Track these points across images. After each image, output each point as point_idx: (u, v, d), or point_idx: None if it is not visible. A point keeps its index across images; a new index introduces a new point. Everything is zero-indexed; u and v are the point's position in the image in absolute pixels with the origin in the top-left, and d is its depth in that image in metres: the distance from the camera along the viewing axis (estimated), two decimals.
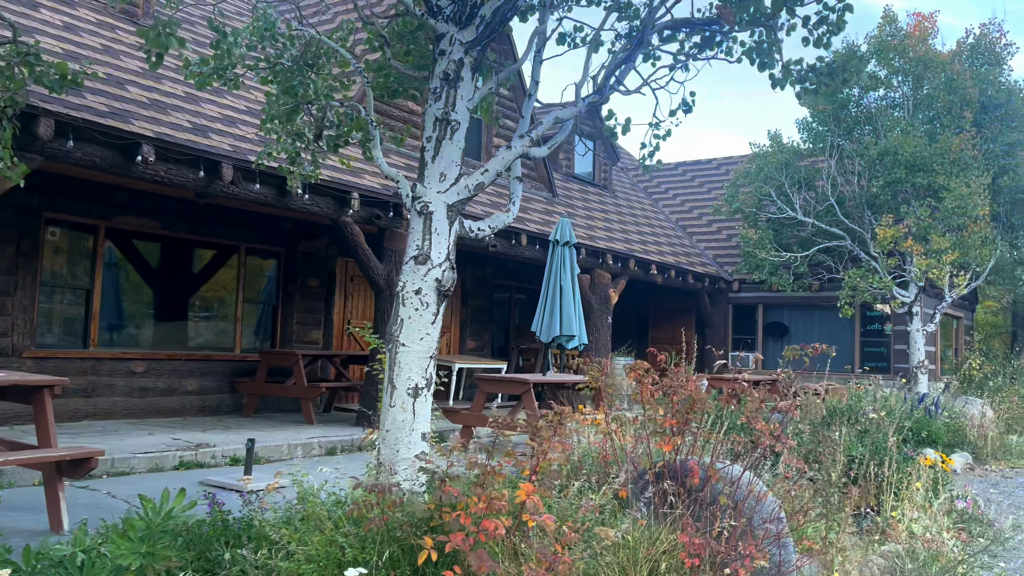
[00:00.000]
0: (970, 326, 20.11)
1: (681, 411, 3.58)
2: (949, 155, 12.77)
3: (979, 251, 13.13)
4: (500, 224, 4.70)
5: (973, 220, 12.96)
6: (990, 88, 13.94)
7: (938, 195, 13.00)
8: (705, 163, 21.97)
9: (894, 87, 14.84)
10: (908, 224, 12.89)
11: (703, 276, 16.83)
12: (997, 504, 7.73)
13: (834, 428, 6.99)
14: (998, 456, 10.45)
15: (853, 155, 14.34)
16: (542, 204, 13.84)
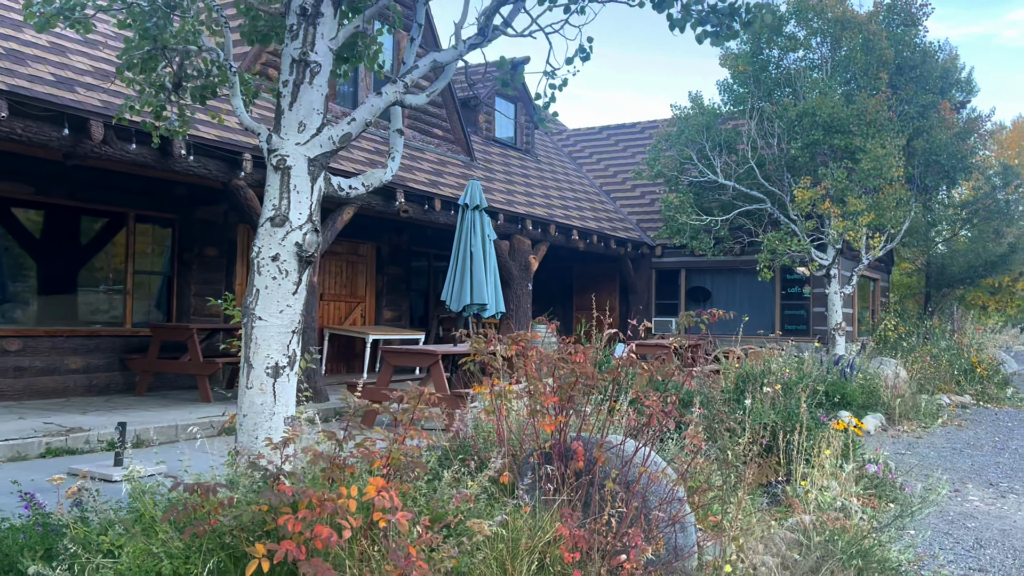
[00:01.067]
0: (887, 288, 20.48)
1: (564, 386, 3.21)
2: (865, 116, 12.72)
3: (894, 213, 13.18)
4: (376, 181, 4.21)
5: (888, 182, 12.98)
6: (906, 49, 13.94)
7: (855, 157, 12.97)
8: (629, 127, 21.71)
9: (813, 48, 14.73)
10: (825, 186, 12.83)
11: (626, 241, 16.62)
12: (908, 467, 7.69)
13: (746, 395, 6.78)
14: (910, 416, 10.52)
15: (773, 117, 14.21)
16: (459, 168, 13.33)
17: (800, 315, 16.38)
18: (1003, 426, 10.53)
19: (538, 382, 3.35)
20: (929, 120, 14.20)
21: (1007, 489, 6.88)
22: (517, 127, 17.76)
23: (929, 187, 15.04)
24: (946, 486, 7.00)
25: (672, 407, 3.40)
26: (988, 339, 17.80)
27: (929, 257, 21.30)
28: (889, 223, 13.44)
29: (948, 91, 15.29)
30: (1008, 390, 13.92)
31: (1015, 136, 50.28)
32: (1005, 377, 15.25)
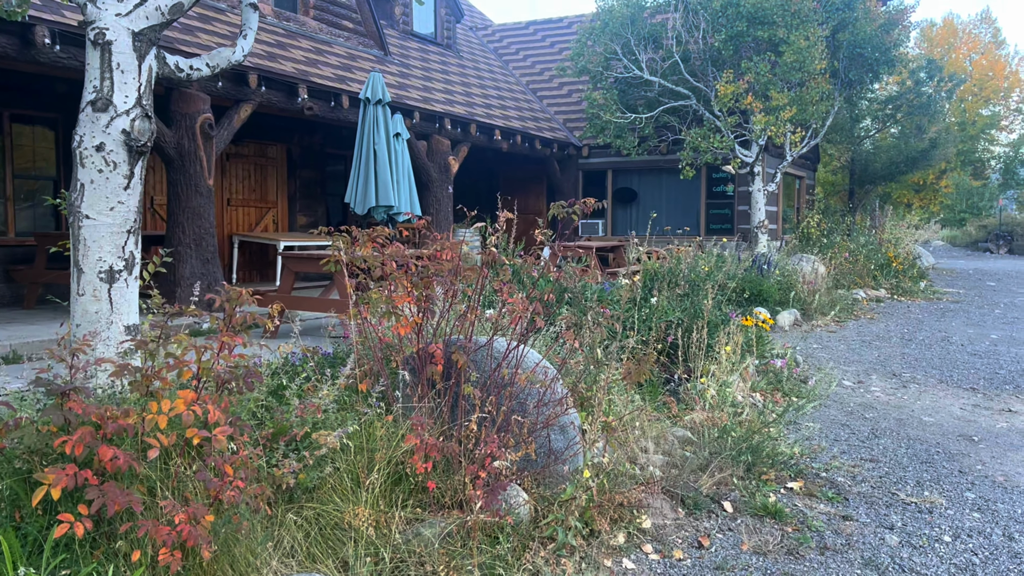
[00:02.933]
0: (812, 185, 20.59)
1: (418, 284, 2.91)
2: (790, 7, 12.35)
3: (817, 107, 13.01)
4: (223, 61, 3.74)
5: (812, 75, 12.75)
6: None
7: (778, 49, 12.66)
8: (556, 21, 20.92)
9: None
10: (748, 80, 12.54)
11: (552, 142, 16.19)
12: (817, 360, 7.73)
13: (653, 293, 6.63)
14: (825, 311, 10.63)
15: (698, 9, 13.73)
16: (371, 63, 12.60)
17: (725, 214, 16.35)
18: (913, 318, 10.73)
19: (400, 282, 3.04)
20: (854, 12, 13.88)
21: (909, 379, 6.96)
22: (437, 21, 16.89)
23: (853, 81, 14.86)
24: (850, 378, 7.08)
25: (539, 303, 3.14)
26: (907, 235, 18.16)
27: (854, 154, 21.41)
28: (812, 118, 13.29)
29: None
30: (922, 283, 14.23)
31: (944, 33, 50.56)
32: (920, 271, 15.60)
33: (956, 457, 4.74)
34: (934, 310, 11.56)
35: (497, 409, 3.08)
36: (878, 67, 14.75)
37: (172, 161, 8.56)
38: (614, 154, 16.42)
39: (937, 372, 7.25)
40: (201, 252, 8.74)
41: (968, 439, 5.13)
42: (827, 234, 16.02)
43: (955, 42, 49.07)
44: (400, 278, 2.93)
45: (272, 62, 9.68)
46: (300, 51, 10.86)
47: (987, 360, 7.76)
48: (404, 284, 2.91)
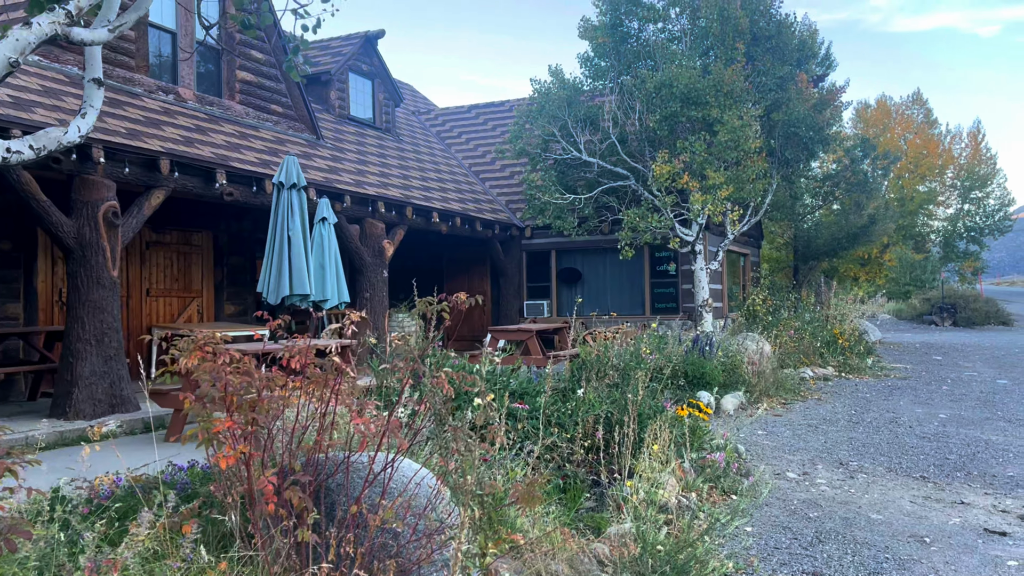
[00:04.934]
0: (756, 262, 20.60)
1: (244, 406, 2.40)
2: (722, 87, 12.41)
3: (754, 185, 12.96)
4: (52, 143, 3.27)
5: (747, 154, 12.74)
6: (761, 19, 13.73)
7: (712, 128, 12.66)
8: (498, 105, 21.00)
9: (672, 20, 14.36)
10: (684, 159, 12.47)
11: (493, 223, 15.92)
12: (761, 449, 7.29)
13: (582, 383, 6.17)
14: (770, 393, 10.26)
15: (633, 90, 13.76)
16: (300, 147, 12.26)
17: (670, 293, 16.11)
18: (861, 398, 10.42)
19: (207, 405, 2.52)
20: (787, 92, 14.05)
21: (857, 468, 6.54)
22: (376, 105, 16.75)
23: (790, 160, 14.96)
24: (794, 469, 6.63)
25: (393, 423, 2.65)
26: (853, 309, 18.08)
27: (796, 230, 21.57)
28: (750, 196, 13.23)
29: (806, 63, 15.23)
30: (869, 360, 14.02)
31: (878, 114, 52.57)
32: (868, 347, 15.42)
33: (907, 564, 4.28)
34: (882, 388, 11.28)
35: (355, 550, 2.54)
36: (813, 146, 14.88)
37: (72, 252, 7.98)
38: (556, 234, 16.20)
39: (886, 459, 6.85)
40: (103, 349, 8.08)
41: (920, 540, 4.68)
42: (773, 311, 15.83)
43: (889, 122, 50.96)
44: (222, 396, 2.43)
45: (188, 147, 9.26)
46: (222, 135, 10.47)
47: (936, 444, 7.40)
48: (228, 400, 2.40)
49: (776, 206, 18.45)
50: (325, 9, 3.83)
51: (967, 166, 55.04)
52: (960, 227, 55.39)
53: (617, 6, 14.13)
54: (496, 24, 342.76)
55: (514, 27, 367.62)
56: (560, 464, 5.49)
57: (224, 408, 2.44)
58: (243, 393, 2.38)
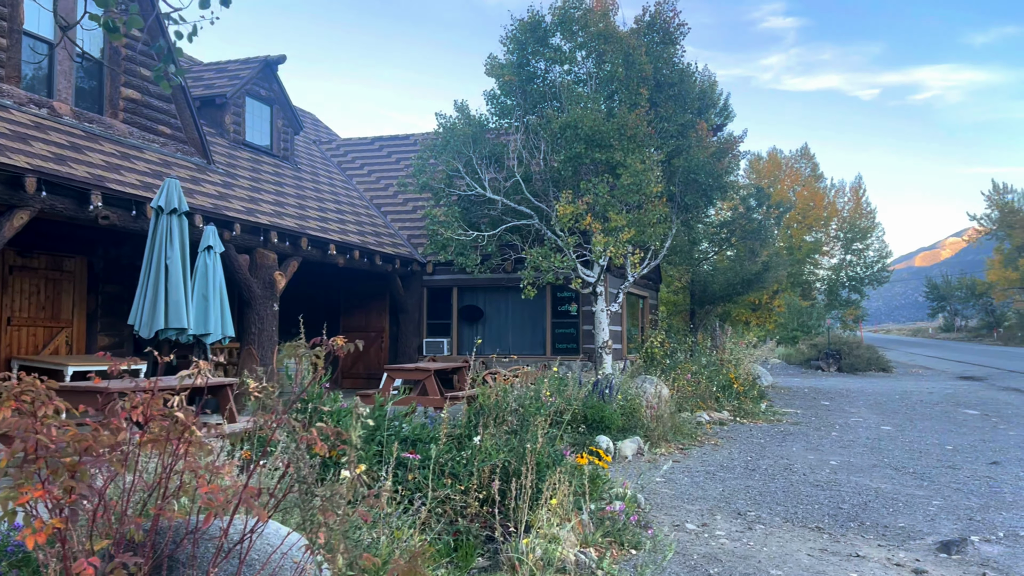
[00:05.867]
0: (655, 305, 20.87)
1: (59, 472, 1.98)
2: (626, 131, 12.52)
3: (654, 229, 13.08)
4: None
5: (649, 198, 12.86)
6: (665, 67, 14.02)
7: (616, 171, 12.73)
8: (402, 138, 20.73)
9: (578, 62, 14.48)
10: (587, 201, 12.47)
11: (394, 258, 15.51)
12: (660, 498, 7.13)
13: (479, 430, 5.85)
14: (668, 438, 10.19)
15: (539, 130, 13.75)
16: (189, 171, 11.61)
17: (571, 333, 16.04)
18: (756, 443, 10.47)
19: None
20: (688, 139, 14.34)
21: (754, 519, 6.43)
22: (274, 131, 16.18)
23: (690, 205, 15.23)
24: (693, 519, 6.48)
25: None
26: (746, 354, 18.47)
27: (694, 275, 22.04)
28: (650, 239, 13.33)
29: (706, 112, 15.63)
30: (763, 404, 14.25)
31: (770, 166, 55.03)
32: (761, 391, 15.71)
33: None
34: (775, 433, 11.41)
35: None
36: (711, 192, 15.20)
37: None
38: (459, 271, 15.93)
39: (782, 508, 6.78)
40: None
41: None
42: (670, 354, 15.97)
43: (780, 174, 53.43)
44: None
45: (60, 165, 8.54)
46: (100, 155, 9.76)
47: (830, 492, 7.41)
48: None
49: (675, 250, 18.77)
50: (204, 16, 3.46)
51: (850, 219, 58.24)
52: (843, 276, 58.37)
53: (524, 46, 14.15)
54: (407, 60, 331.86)
55: (426, 63, 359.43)
56: (453, 519, 5.13)
57: None
58: (61, 455, 1.96)
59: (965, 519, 6.37)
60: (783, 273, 24.84)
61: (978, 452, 9.68)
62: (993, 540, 5.76)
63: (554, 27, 14.04)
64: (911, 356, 38.30)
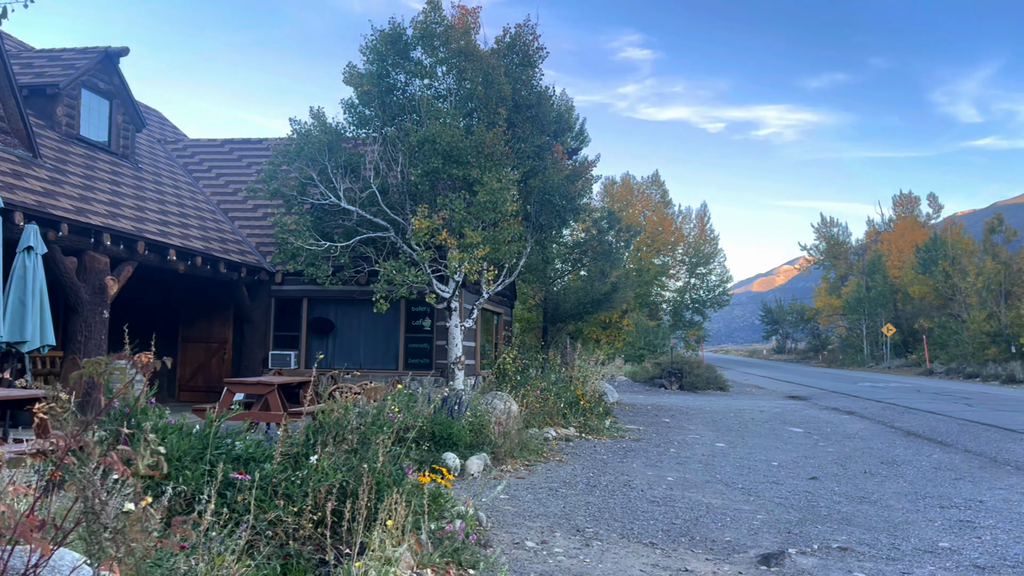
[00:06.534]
0: (509, 321, 21.11)
1: None
2: (484, 149, 12.63)
3: (509, 247, 13.23)
4: None
5: (505, 216, 13.00)
6: (524, 89, 14.27)
7: (473, 188, 12.80)
8: (255, 142, 20.00)
9: (439, 78, 14.50)
10: (443, 216, 12.45)
11: (240, 265, 14.88)
12: (503, 515, 7.15)
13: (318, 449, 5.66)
14: (515, 454, 10.27)
15: (397, 142, 13.63)
16: (11, 164, 10.68)
17: (424, 348, 15.94)
18: (599, 460, 10.73)
19: None
20: (544, 160, 14.63)
21: (592, 535, 6.56)
22: (112, 127, 15.18)
23: (544, 225, 15.53)
24: (534, 537, 6.53)
25: None
26: (595, 372, 19.00)
27: (547, 293, 22.49)
28: (505, 257, 13.47)
29: (562, 136, 16.03)
30: (607, 421, 14.65)
31: (623, 190, 57.19)
32: (607, 407, 16.17)
33: None
34: (618, 450, 11.74)
35: None
36: (566, 213, 15.56)
37: None
38: (310, 282, 15.48)
39: (619, 524, 6.96)
40: None
41: None
42: (522, 370, 16.17)
43: (632, 199, 55.67)
44: None
45: None
46: None
47: (664, 508, 7.68)
48: None
49: (530, 268, 19.09)
50: None
51: (695, 244, 61.44)
52: (687, 299, 61.41)
53: (384, 57, 14.01)
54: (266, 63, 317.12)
55: (285, 68, 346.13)
56: (284, 542, 4.92)
57: None
58: None
59: (785, 532, 6.76)
60: (631, 294, 25.80)
61: (800, 468, 10.34)
62: (808, 552, 6.14)
63: (415, 41, 13.99)
64: (746, 376, 40.70)
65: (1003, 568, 5.69)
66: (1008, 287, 48.94)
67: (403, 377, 14.47)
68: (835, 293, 73.50)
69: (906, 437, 13.66)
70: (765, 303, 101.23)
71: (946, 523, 7.11)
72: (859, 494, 8.51)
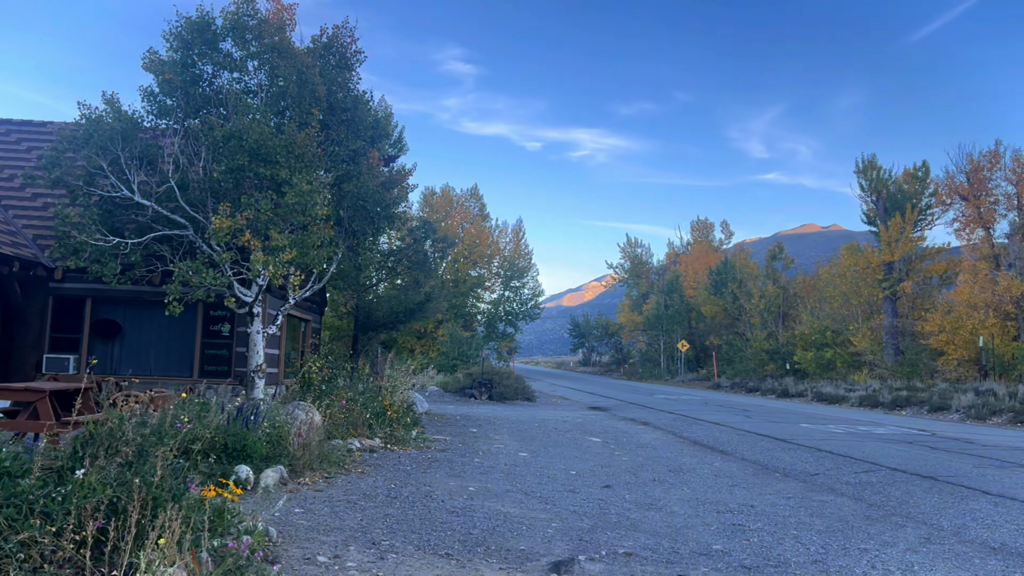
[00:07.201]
0: (318, 329, 20.51)
1: None
2: (294, 149, 12.18)
3: (318, 252, 12.84)
4: None
5: (315, 220, 12.61)
6: (340, 91, 13.93)
7: (281, 189, 12.32)
8: (38, 125, 18.19)
9: (250, 72, 13.85)
10: (248, 216, 11.88)
11: (12, 259, 13.43)
12: (296, 530, 6.85)
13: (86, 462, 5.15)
14: (315, 466, 9.93)
15: (200, 136, 12.85)
16: None
17: (223, 355, 15.11)
18: (402, 470, 10.61)
19: None
20: (359, 166, 14.36)
21: (389, 548, 6.44)
22: None
23: (357, 232, 15.22)
24: (326, 551, 6.31)
25: None
26: (405, 381, 18.84)
27: (359, 301, 22.08)
28: (314, 262, 13.06)
29: (379, 142, 15.82)
30: (414, 431, 14.55)
31: (443, 201, 57.47)
32: (415, 418, 16.06)
33: None
34: (423, 460, 11.68)
35: None
36: (380, 221, 15.36)
37: None
38: (95, 280, 14.24)
39: (417, 536, 6.88)
40: None
41: None
42: (329, 380, 15.74)
43: (451, 210, 56.12)
44: None
45: None
46: None
47: (463, 518, 7.70)
48: None
49: (342, 275, 18.65)
50: None
51: (510, 258, 62.88)
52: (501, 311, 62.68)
53: (190, 46, 13.20)
54: (55, 44, 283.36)
55: (79, 50, 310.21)
56: (38, 565, 4.42)
57: None
58: None
59: (576, 540, 6.97)
60: (445, 304, 25.92)
61: (596, 476, 10.75)
62: (597, 559, 6.36)
63: (226, 32, 13.30)
64: (553, 387, 42.07)
65: (766, 568, 6.18)
66: (785, 309, 54.02)
67: (198, 385, 13.63)
68: (637, 310, 77.90)
69: (692, 447, 14.61)
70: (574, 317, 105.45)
71: (721, 527, 7.62)
72: (647, 501, 8.96)
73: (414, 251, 21.59)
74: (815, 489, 9.90)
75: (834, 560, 6.42)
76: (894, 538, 7.23)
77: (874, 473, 11.20)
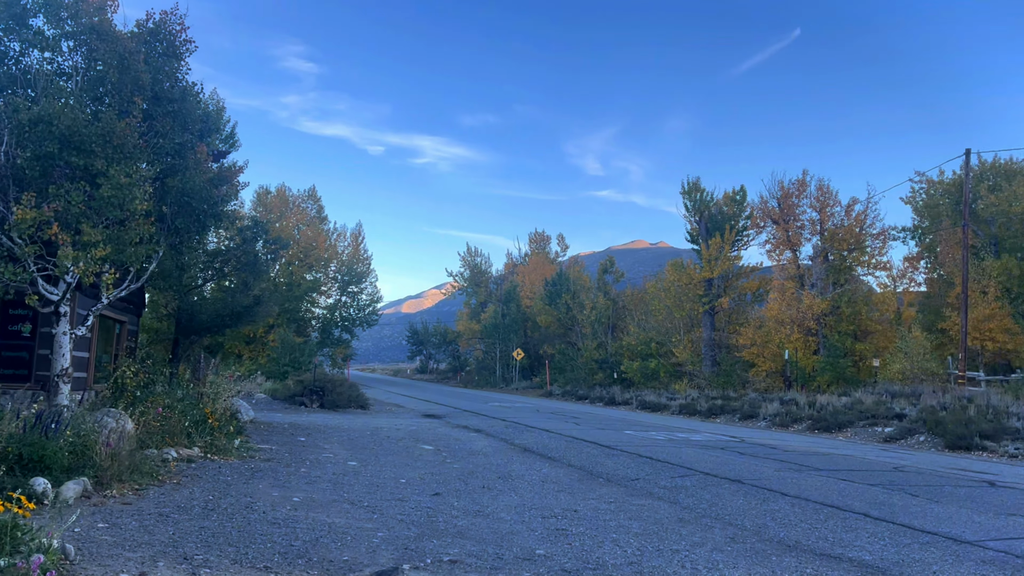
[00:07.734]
0: (135, 331, 19.19)
1: None
2: (113, 139, 11.34)
3: (137, 249, 12.02)
4: None
5: (133, 215, 11.80)
6: (167, 80, 13.12)
7: (96, 181, 11.44)
8: None
9: (64, 53, 12.78)
10: (56, 207, 10.95)
11: None
12: (100, 546, 6.37)
13: None
14: (124, 477, 9.27)
15: (3, 118, 11.71)
16: None
17: (23, 358, 13.82)
18: (222, 481, 10.13)
19: None
20: (186, 160, 13.59)
21: (202, 562, 6.12)
22: None
23: (181, 230, 14.38)
24: (131, 568, 5.90)
25: None
26: (229, 388, 17.98)
27: (181, 303, 20.88)
28: (131, 260, 12.22)
29: (209, 136, 15.09)
30: (237, 440, 13.94)
31: (278, 201, 55.60)
32: (239, 426, 15.38)
33: None
34: (245, 470, 11.21)
35: None
36: (206, 219, 14.62)
37: None
38: None
39: (233, 549, 6.58)
40: None
41: None
42: (144, 386, 14.76)
43: (287, 210, 54.35)
44: None
45: None
46: None
47: (285, 530, 7.45)
48: None
49: (163, 275, 17.56)
50: None
51: (348, 262, 61.72)
52: (337, 316, 61.34)
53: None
54: None
55: None
56: None
57: None
58: None
59: (402, 548, 6.91)
60: (276, 308, 25.02)
61: (426, 484, 10.72)
62: (421, 567, 6.34)
63: (37, 7, 12.22)
64: (389, 394, 41.62)
65: (585, 570, 6.39)
66: (615, 321, 56.38)
67: None
68: (475, 318, 78.67)
69: (523, 453, 14.90)
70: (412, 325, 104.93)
71: (545, 532, 7.82)
72: (475, 508, 9.04)
73: (244, 251, 20.65)
74: (635, 494, 10.36)
75: (648, 561, 6.74)
76: (703, 539, 7.69)
77: (689, 478, 11.87)
